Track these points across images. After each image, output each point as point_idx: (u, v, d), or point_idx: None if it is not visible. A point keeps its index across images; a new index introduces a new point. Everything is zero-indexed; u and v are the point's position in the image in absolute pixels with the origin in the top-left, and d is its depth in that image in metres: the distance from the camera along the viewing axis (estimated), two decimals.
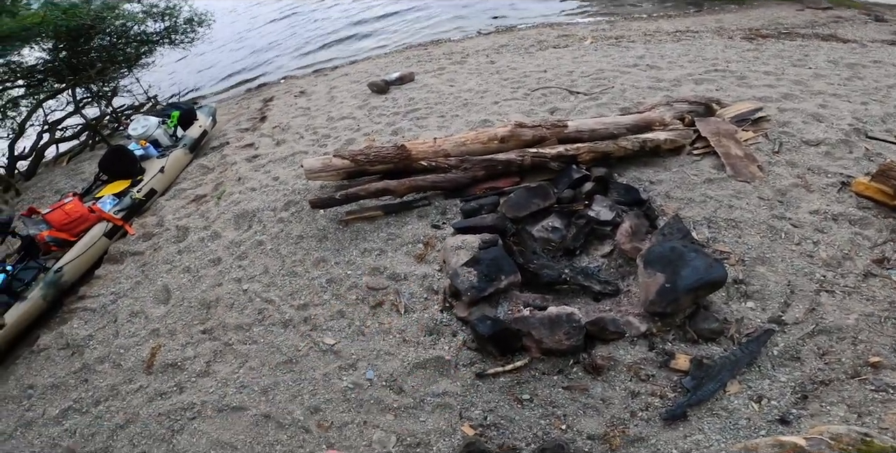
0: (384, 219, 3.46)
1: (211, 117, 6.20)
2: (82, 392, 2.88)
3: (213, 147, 5.80)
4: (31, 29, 6.18)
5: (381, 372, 2.50)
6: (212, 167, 5.21)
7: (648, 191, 3.23)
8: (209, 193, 4.59)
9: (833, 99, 4.20)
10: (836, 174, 3.20)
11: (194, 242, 3.86)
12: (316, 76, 8.55)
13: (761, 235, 2.79)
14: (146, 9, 8.20)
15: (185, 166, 5.37)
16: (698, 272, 2.24)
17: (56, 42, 7.11)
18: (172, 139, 5.48)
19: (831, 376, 2.13)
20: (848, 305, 2.39)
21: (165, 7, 8.37)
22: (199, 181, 4.94)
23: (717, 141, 3.49)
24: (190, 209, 4.41)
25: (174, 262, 3.72)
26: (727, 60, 5.50)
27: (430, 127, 4.80)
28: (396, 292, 2.89)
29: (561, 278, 2.61)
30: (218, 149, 5.69)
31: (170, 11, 8.41)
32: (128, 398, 2.75)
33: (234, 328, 2.98)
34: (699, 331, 2.32)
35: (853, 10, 8.51)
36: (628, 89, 4.83)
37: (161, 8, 8.33)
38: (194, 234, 3.97)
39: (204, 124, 5.91)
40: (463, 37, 9.52)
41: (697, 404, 2.09)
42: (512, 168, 3.45)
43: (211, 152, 5.64)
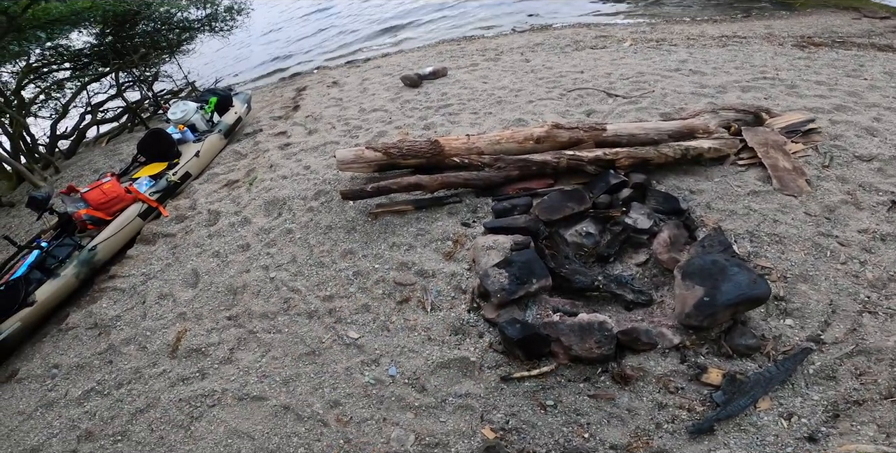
0: (414, 214, 3.45)
1: (246, 104, 6.31)
2: (106, 373, 2.93)
3: (246, 133, 5.91)
4: (80, 13, 6.37)
5: (404, 369, 2.49)
6: (245, 153, 5.30)
7: (688, 200, 3.14)
8: (241, 179, 4.66)
9: (888, 112, 4.01)
10: (888, 192, 3.05)
11: (225, 227, 3.92)
12: (349, 67, 8.61)
13: (805, 252, 2.69)
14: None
15: (219, 151, 5.49)
16: (741, 287, 2.17)
17: (103, 27, 7.34)
18: (209, 124, 5.61)
19: (865, 396, 2.06)
20: (890, 327, 2.30)
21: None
22: (231, 166, 5.03)
23: (765, 152, 3.37)
24: (222, 194, 4.49)
25: (204, 246, 3.78)
26: (777, 68, 5.30)
27: (462, 123, 4.77)
28: (424, 289, 2.88)
29: (593, 285, 2.57)
30: (251, 135, 5.79)
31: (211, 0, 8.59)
32: (150, 382, 2.79)
33: (259, 316, 3.01)
34: (735, 346, 2.26)
35: None
36: (670, 94, 4.70)
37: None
38: (225, 219, 4.03)
39: (239, 111, 6.03)
40: (497, 33, 9.42)
41: (726, 419, 2.05)
42: (547, 169, 3.40)
43: (244, 138, 5.74)
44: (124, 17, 7.11)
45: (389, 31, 11.73)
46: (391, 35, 11.49)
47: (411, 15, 12.80)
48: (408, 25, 11.81)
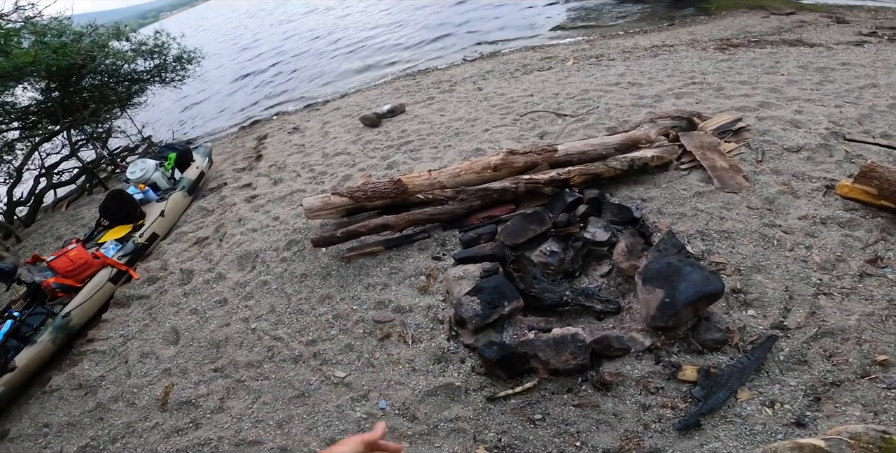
0: (385, 254, 3.59)
1: (207, 158, 6.38)
2: (98, 430, 2.93)
3: (211, 188, 5.98)
4: (23, 68, 6.31)
5: (394, 401, 2.56)
6: (211, 209, 5.36)
7: (641, 208, 3.36)
8: (211, 235, 4.72)
9: (808, 104, 4.39)
10: (820, 178, 3.33)
11: (199, 284, 3.96)
12: (308, 111, 8.86)
13: (754, 244, 2.91)
14: (135, 47, 8.40)
15: (184, 209, 5.52)
16: (695, 285, 2.32)
17: (48, 81, 7.26)
18: (170, 182, 5.64)
19: (841, 377, 2.16)
20: (848, 307, 2.45)
21: (154, 45, 8.60)
22: (199, 223, 5.08)
23: (703, 154, 3.65)
24: (193, 252, 4.53)
25: (181, 305, 3.81)
26: (703, 72, 5.75)
27: (423, 158, 4.98)
28: (403, 324, 2.98)
29: (563, 300, 2.71)
30: (216, 190, 5.86)
31: (159, 49, 8.64)
32: (144, 435, 2.81)
33: (244, 365, 3.06)
34: (703, 341, 2.38)
35: (815, 13, 8.92)
36: (613, 108, 5.04)
37: (150, 46, 8.56)
38: (199, 277, 4.07)
39: (201, 165, 6.09)
40: (449, 64, 9.91)
41: (710, 412, 2.11)
42: (507, 196, 3.59)
43: (209, 194, 5.81)
44: (69, 71, 7.06)
45: (342, 72, 12.16)
46: (343, 74, 11.91)
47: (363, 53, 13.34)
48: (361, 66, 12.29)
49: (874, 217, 2.94)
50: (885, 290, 2.50)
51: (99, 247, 4.55)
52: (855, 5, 9.66)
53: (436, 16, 14.64)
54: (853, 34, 7.32)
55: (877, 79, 4.94)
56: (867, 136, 3.69)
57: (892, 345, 2.24)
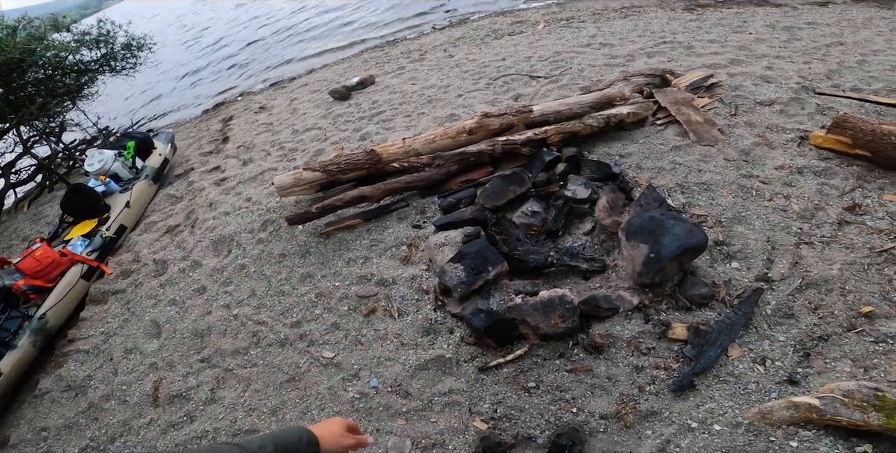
0: (364, 226, 3.43)
1: (170, 144, 6.04)
2: (95, 430, 2.84)
3: (177, 174, 5.67)
4: None
5: (385, 378, 2.48)
6: (180, 196, 5.08)
7: (620, 164, 3.26)
8: (182, 223, 4.48)
9: (777, 61, 4.32)
10: (794, 130, 3.27)
11: (175, 274, 3.78)
12: (274, 90, 8.42)
13: (733, 195, 2.84)
14: (78, 37, 7.87)
15: (151, 198, 5.23)
16: (679, 238, 2.24)
17: None
18: (133, 171, 5.32)
19: (828, 330, 2.13)
20: (829, 256, 2.42)
21: (99, 34, 8.07)
22: (168, 211, 4.82)
23: (677, 109, 3.55)
24: (165, 241, 4.30)
25: (158, 296, 3.65)
26: (673, 32, 5.62)
27: (397, 128, 4.77)
28: (387, 297, 2.87)
29: (547, 261, 2.62)
30: (183, 176, 5.56)
31: (104, 38, 8.11)
32: (141, 432, 2.73)
33: (231, 353, 2.96)
34: (690, 297, 2.33)
35: None
36: (586, 69, 4.88)
37: (94, 35, 8.03)
38: (174, 266, 3.89)
39: (163, 152, 5.76)
40: (419, 34, 9.48)
41: (703, 372, 2.07)
42: (484, 158, 3.45)
43: (176, 180, 5.50)
44: (9, 66, 6.58)
45: (306, 48, 11.58)
46: (308, 49, 11.34)
47: (327, 27, 12.69)
48: (323, 37, 11.70)
49: (849, 165, 2.91)
50: (864, 238, 2.48)
51: (65, 245, 4.29)
52: None
53: None
54: None
55: (843, 37, 4.89)
56: (837, 90, 3.65)
57: (876, 295, 2.22)
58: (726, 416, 1.93)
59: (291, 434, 1.03)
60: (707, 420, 1.94)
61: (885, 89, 3.63)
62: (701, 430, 1.91)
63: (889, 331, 2.06)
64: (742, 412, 1.93)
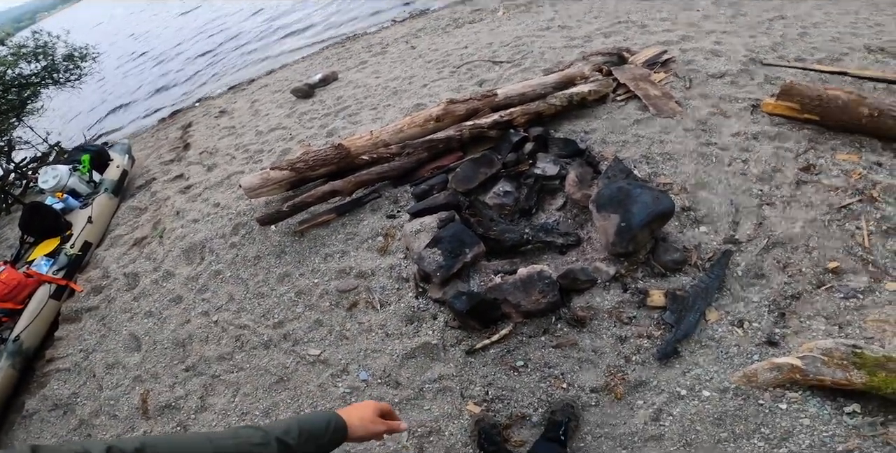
0: (338, 221, 3.39)
1: (127, 155, 5.83)
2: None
3: (138, 186, 5.48)
4: None
5: (374, 370, 2.47)
6: (144, 207, 4.93)
7: (585, 140, 3.31)
8: (149, 234, 4.35)
9: (725, 36, 4.46)
10: (746, 99, 3.38)
11: (148, 286, 3.68)
12: (234, 93, 8.20)
13: (695, 163, 2.92)
14: (14, 50, 7.53)
15: (114, 211, 5.05)
16: (648, 206, 2.29)
17: None
18: (91, 185, 5.13)
19: (799, 289, 2.18)
20: (791, 214, 2.50)
21: (36, 46, 7.73)
22: (134, 224, 4.67)
23: (636, 85, 3.63)
24: (133, 254, 4.18)
25: (133, 310, 3.56)
26: (627, 12, 5.73)
27: (364, 122, 4.73)
28: (368, 289, 2.86)
29: (523, 239, 2.64)
30: (145, 187, 5.38)
31: (43, 50, 7.78)
32: None
33: (216, 359, 2.91)
34: (664, 263, 2.38)
35: None
36: (546, 51, 4.92)
37: (31, 47, 7.69)
38: (146, 278, 3.78)
39: (121, 163, 5.56)
40: (379, 27, 9.37)
41: (685, 338, 2.10)
42: (453, 144, 3.45)
43: (138, 192, 5.33)
44: None
45: (267, 49, 11.30)
46: (268, 50, 11.08)
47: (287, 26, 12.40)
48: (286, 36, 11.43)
49: (800, 129, 3.02)
50: (822, 196, 2.57)
51: (29, 266, 4.13)
52: None
53: None
54: None
55: (784, 11, 5.07)
56: (782, 61, 3.79)
57: (840, 251, 2.29)
58: (713, 381, 1.97)
59: (319, 418, 0.97)
60: (695, 386, 1.97)
61: (828, 59, 3.78)
62: (691, 397, 1.95)
63: (857, 286, 2.13)
64: (728, 376, 1.96)
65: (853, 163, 2.70)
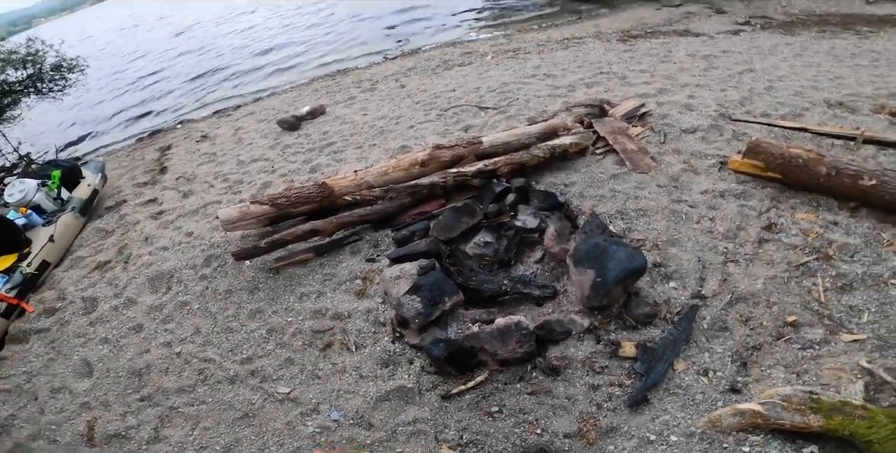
0: (317, 261, 3.44)
1: (100, 174, 5.75)
2: None
3: (108, 207, 5.39)
4: None
5: (346, 410, 2.48)
6: (111, 230, 4.84)
7: (565, 193, 3.49)
8: (113, 258, 4.27)
9: (698, 89, 4.85)
10: (714, 156, 3.66)
11: (107, 312, 3.60)
12: (218, 118, 8.25)
13: (666, 219, 3.13)
14: (4, 56, 7.55)
15: (78, 232, 4.94)
16: (622, 263, 2.45)
17: None
18: (58, 203, 5.04)
19: (759, 340, 2.36)
20: (753, 271, 2.70)
21: (27, 53, 7.75)
22: (98, 246, 4.58)
23: (614, 139, 3.89)
24: (94, 278, 4.08)
25: (88, 335, 3.46)
26: (609, 63, 6.16)
27: (348, 160, 4.84)
28: (344, 331, 2.88)
29: (501, 290, 2.75)
30: (114, 208, 5.30)
31: (32, 58, 7.79)
32: None
33: (175, 391, 2.85)
34: (635, 317, 2.52)
35: (699, 4, 9.96)
36: (531, 99, 5.22)
37: (22, 54, 7.70)
38: (105, 304, 3.70)
39: (93, 182, 5.48)
40: (370, 63, 9.72)
41: (654, 386, 2.24)
42: (436, 190, 3.57)
43: (107, 213, 5.24)
44: None
45: (257, 74, 11.49)
46: (259, 76, 11.26)
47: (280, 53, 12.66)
48: (277, 66, 11.67)
49: (764, 188, 3.27)
50: (782, 254, 2.78)
51: None
52: None
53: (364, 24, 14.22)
54: (731, 23, 8.24)
55: (753, 64, 5.57)
56: (749, 116, 4.14)
57: (798, 306, 2.49)
58: (680, 427, 2.08)
59: None
60: (663, 432, 2.08)
61: (791, 114, 4.16)
62: (659, 442, 2.05)
63: (814, 337, 2.32)
64: (694, 422, 2.08)
65: (811, 223, 2.95)
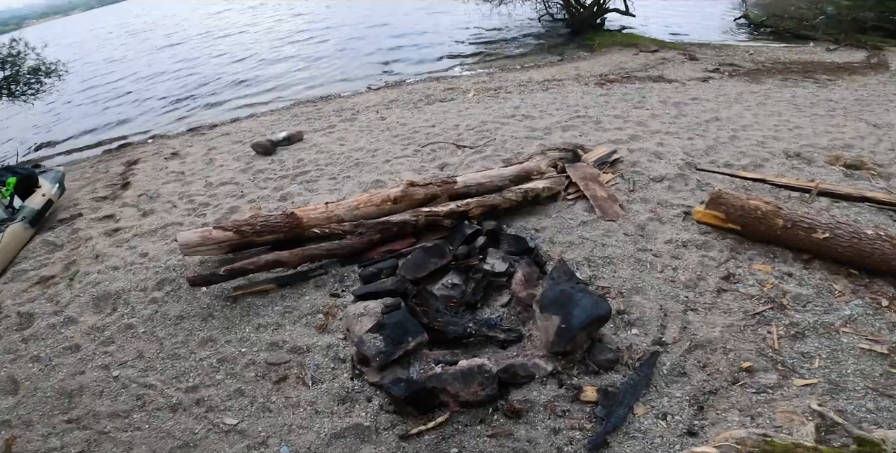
0: (278, 292, 3.40)
1: (57, 184, 5.61)
2: None
3: (60, 219, 5.22)
4: None
5: (297, 446, 2.41)
6: (60, 244, 4.67)
7: (535, 238, 3.61)
8: (58, 274, 4.11)
9: (668, 137, 5.18)
10: (679, 205, 3.89)
11: (43, 329, 3.45)
12: (192, 135, 8.18)
13: (631, 268, 3.27)
14: None
15: (25, 243, 4.75)
16: (587, 310, 2.55)
17: None
18: (8, 211, 4.87)
19: (716, 385, 2.47)
20: (711, 320, 2.85)
21: (8, 54, 7.72)
22: (44, 260, 4.40)
23: (586, 185, 4.08)
24: (34, 292, 3.91)
25: (18, 352, 3.30)
26: (586, 106, 6.53)
27: (320, 190, 4.87)
28: (301, 365, 2.83)
29: (466, 332, 2.78)
30: (68, 221, 5.13)
31: (12, 59, 7.75)
32: None
33: (107, 416, 2.73)
34: (598, 362, 2.60)
35: (674, 50, 10.74)
36: (508, 140, 5.45)
37: (2, 54, 7.67)
38: (42, 320, 3.54)
39: (48, 192, 5.34)
40: (353, 92, 9.93)
41: (614, 430, 2.29)
42: (407, 229, 3.61)
43: (59, 226, 5.06)
44: None
45: (238, 92, 11.52)
46: (240, 95, 11.29)
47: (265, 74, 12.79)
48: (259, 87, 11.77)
49: (724, 238, 3.48)
50: (739, 303, 2.95)
51: None
52: (704, 43, 11.81)
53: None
54: (702, 70, 8.92)
55: (719, 112, 6.02)
56: (714, 166, 4.44)
57: (753, 352, 2.63)
58: None
59: None
60: None
61: (752, 164, 4.47)
62: None
63: (767, 382, 2.44)
64: None
65: (767, 274, 3.14)
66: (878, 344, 2.57)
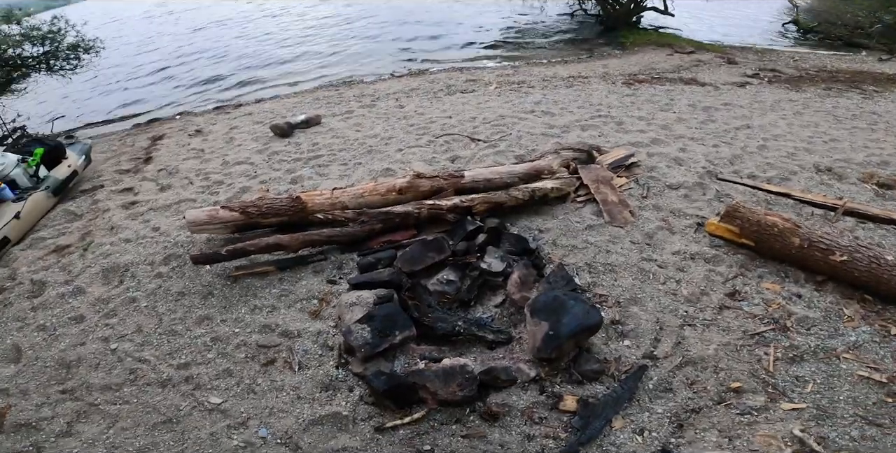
0: (277, 275, 3.45)
1: (84, 156, 5.80)
2: None
3: (83, 190, 5.40)
4: None
5: (276, 429, 2.47)
6: (80, 214, 4.83)
7: (537, 239, 3.57)
8: (74, 243, 4.25)
9: (691, 142, 4.99)
10: (693, 216, 3.77)
11: (52, 298, 3.56)
12: (217, 114, 8.32)
13: (633, 277, 3.20)
14: (25, 31, 7.78)
15: (46, 212, 4.93)
16: (577, 318, 2.51)
17: None
18: (34, 180, 5.05)
19: (700, 404, 2.42)
20: (708, 337, 2.77)
21: (48, 31, 7.99)
22: (62, 229, 4.56)
23: (597, 188, 3.99)
24: (49, 261, 4.05)
25: (27, 320, 3.41)
26: (609, 106, 6.33)
27: (331, 175, 4.91)
28: (290, 349, 2.88)
29: (455, 330, 2.78)
30: (89, 192, 5.30)
31: (52, 35, 8.04)
32: None
33: (100, 388, 2.82)
34: (583, 372, 2.56)
35: (711, 53, 10.26)
36: (524, 136, 5.35)
37: (43, 31, 7.94)
38: (52, 289, 3.66)
39: (74, 163, 5.52)
40: (376, 78, 9.91)
41: (588, 442, 2.26)
42: (409, 220, 3.62)
43: (80, 196, 5.24)
44: None
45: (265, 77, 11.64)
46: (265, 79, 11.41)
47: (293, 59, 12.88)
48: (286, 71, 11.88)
49: (735, 254, 3.37)
50: (740, 322, 2.86)
51: None
52: (746, 46, 11.28)
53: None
54: (739, 75, 8.51)
55: (751, 120, 5.75)
56: (736, 176, 4.26)
57: (745, 373, 2.55)
58: None
59: None
60: None
61: (778, 177, 4.28)
62: None
63: (754, 404, 2.38)
64: None
65: (775, 293, 3.03)
66: (877, 373, 2.48)
